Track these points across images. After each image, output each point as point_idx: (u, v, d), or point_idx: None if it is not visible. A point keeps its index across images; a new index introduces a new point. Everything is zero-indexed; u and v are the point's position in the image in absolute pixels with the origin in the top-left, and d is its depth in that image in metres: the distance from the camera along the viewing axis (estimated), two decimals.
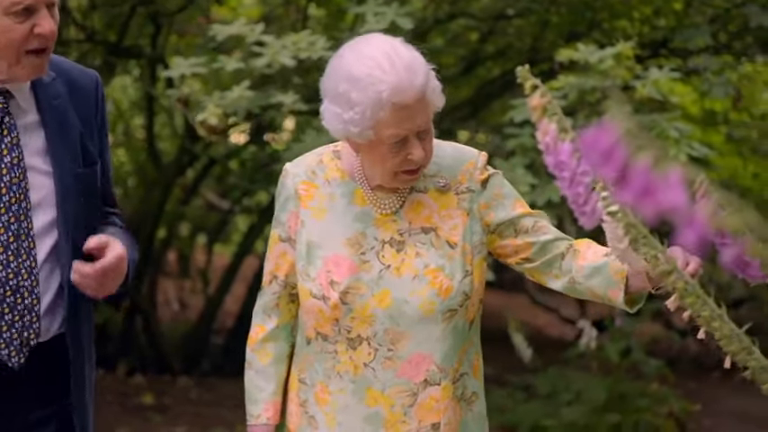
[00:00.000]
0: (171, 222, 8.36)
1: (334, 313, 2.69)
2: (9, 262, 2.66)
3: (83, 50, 6.62)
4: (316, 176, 2.78)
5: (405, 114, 2.59)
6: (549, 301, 9.57)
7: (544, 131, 1.69)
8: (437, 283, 2.68)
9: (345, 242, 2.72)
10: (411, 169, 2.65)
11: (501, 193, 2.77)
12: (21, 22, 2.62)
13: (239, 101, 4.99)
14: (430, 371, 2.70)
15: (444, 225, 2.72)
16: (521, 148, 5.16)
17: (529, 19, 6.58)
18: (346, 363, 2.71)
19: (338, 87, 2.62)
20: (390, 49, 2.63)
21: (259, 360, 2.85)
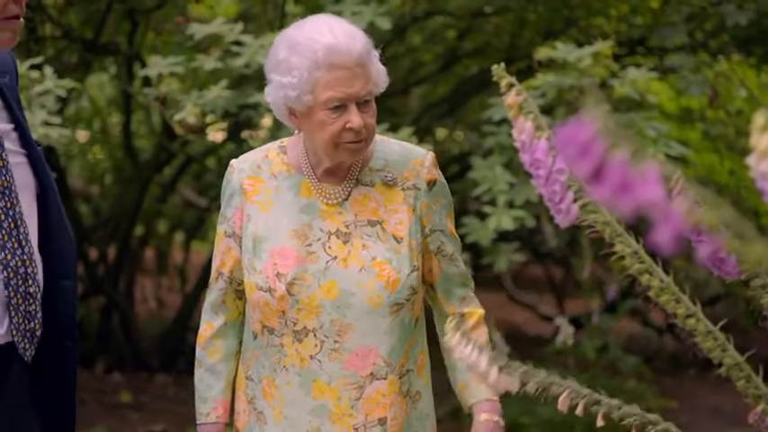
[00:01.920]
0: (148, 220, 8.34)
1: (281, 305, 2.69)
2: (15, 249, 2.59)
3: (59, 47, 6.59)
4: (261, 171, 2.79)
5: (341, 76, 2.61)
6: (526, 299, 9.59)
7: (520, 129, 1.69)
8: (384, 275, 2.69)
9: (292, 234, 2.73)
10: (352, 140, 2.66)
11: (442, 201, 2.80)
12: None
13: (217, 100, 4.99)
14: (376, 364, 2.71)
15: (390, 219, 2.74)
16: (499, 146, 5.16)
17: (506, 17, 6.59)
18: (293, 356, 2.71)
19: (278, 55, 2.68)
20: (331, 19, 2.71)
21: (208, 358, 2.85)
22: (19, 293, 2.59)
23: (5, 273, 2.57)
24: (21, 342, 2.62)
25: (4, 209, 2.58)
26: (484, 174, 5.12)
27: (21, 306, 2.60)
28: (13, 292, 2.58)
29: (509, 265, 5.50)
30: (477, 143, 6.07)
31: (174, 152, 7.21)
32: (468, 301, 2.83)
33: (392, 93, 7.51)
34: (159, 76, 5.26)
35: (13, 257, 2.58)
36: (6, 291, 2.58)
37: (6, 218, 2.58)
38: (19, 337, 2.61)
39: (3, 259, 2.57)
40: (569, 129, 1.10)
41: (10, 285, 2.57)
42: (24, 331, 2.62)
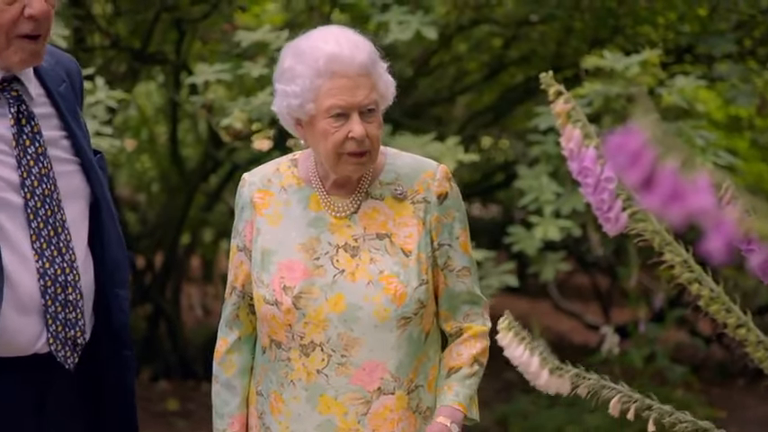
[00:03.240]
0: (194, 228, 8.36)
1: (288, 318, 2.67)
2: (54, 257, 2.59)
3: (108, 57, 6.64)
4: (271, 184, 2.77)
5: (343, 85, 2.60)
6: (572, 307, 9.55)
7: (568, 137, 1.69)
8: (391, 289, 2.66)
9: (299, 247, 2.71)
10: (355, 151, 2.63)
11: (453, 215, 2.76)
12: (9, 4, 2.53)
13: (263, 107, 5.01)
14: (384, 379, 2.67)
15: (399, 232, 2.71)
16: (545, 155, 5.15)
17: (552, 25, 6.57)
18: (299, 370, 2.69)
19: (284, 64, 2.67)
20: (338, 29, 2.70)
21: (224, 373, 2.82)
22: (57, 302, 2.59)
23: (42, 281, 2.57)
24: (60, 350, 2.62)
25: (44, 217, 2.59)
26: (530, 183, 5.10)
27: (59, 314, 2.60)
28: (50, 301, 2.58)
29: (555, 275, 5.48)
30: (522, 152, 6.06)
31: (220, 160, 7.24)
32: (471, 316, 2.77)
33: (437, 101, 7.53)
34: (206, 84, 5.29)
35: (52, 266, 2.58)
36: (43, 299, 2.58)
37: (46, 226, 2.58)
38: (58, 345, 2.61)
39: (40, 267, 2.57)
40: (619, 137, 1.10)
41: (47, 294, 2.58)
42: (64, 339, 2.61)
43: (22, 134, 2.59)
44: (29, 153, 2.59)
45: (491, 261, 5.44)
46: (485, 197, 9.28)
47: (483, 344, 2.77)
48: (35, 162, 2.59)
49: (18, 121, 2.59)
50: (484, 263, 5.34)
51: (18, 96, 2.61)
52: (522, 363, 1.75)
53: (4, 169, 2.57)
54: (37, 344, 2.60)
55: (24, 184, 2.57)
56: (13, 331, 2.56)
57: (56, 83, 2.70)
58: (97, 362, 2.72)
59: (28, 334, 2.59)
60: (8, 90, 2.60)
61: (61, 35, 4.90)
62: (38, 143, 2.60)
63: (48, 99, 2.68)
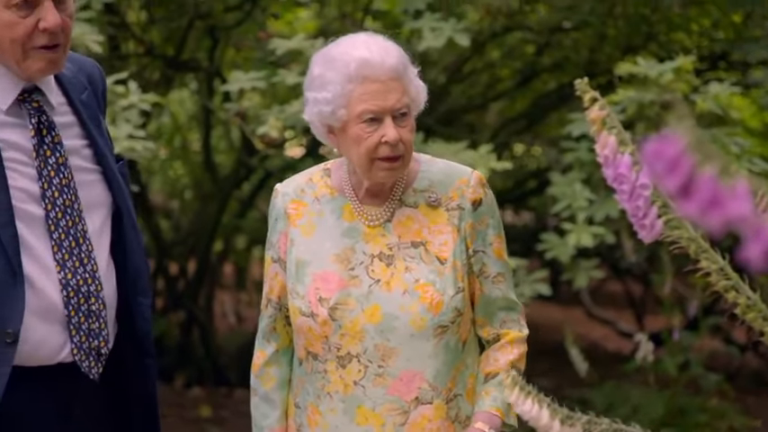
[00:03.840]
0: (227, 235, 8.39)
1: (324, 330, 2.65)
2: (76, 268, 2.59)
3: (142, 64, 6.68)
4: (305, 194, 2.76)
5: (375, 89, 2.59)
6: (605, 315, 9.51)
7: (603, 144, 1.68)
8: (427, 297, 2.64)
9: (334, 258, 2.69)
10: (388, 156, 2.61)
11: (488, 221, 2.74)
12: (24, 17, 2.51)
13: (298, 115, 5.01)
14: (421, 389, 2.65)
15: (434, 240, 2.69)
16: (578, 162, 5.14)
17: (585, 32, 6.56)
18: (336, 382, 2.67)
19: (314, 72, 2.65)
20: (366, 36, 2.69)
21: (262, 386, 2.80)
22: (81, 312, 2.59)
23: (65, 292, 2.57)
24: (85, 360, 2.62)
25: (65, 228, 2.59)
26: (563, 190, 5.09)
27: (83, 324, 2.60)
28: (73, 311, 2.58)
29: (588, 282, 5.46)
30: (555, 159, 6.04)
31: (252, 168, 7.27)
32: (508, 323, 2.75)
33: (470, 108, 7.53)
34: (240, 92, 5.31)
35: (74, 276, 2.58)
36: (66, 310, 2.58)
37: (67, 237, 2.58)
38: (82, 355, 2.61)
39: (62, 278, 2.57)
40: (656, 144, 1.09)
41: (70, 304, 2.58)
42: (88, 350, 2.61)
43: (42, 145, 2.59)
44: (49, 164, 2.58)
45: (523, 269, 5.43)
46: (517, 204, 9.26)
47: (520, 350, 2.75)
48: (56, 173, 2.59)
49: (39, 132, 2.59)
50: (517, 270, 5.33)
51: (39, 107, 2.61)
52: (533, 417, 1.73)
53: (24, 180, 2.57)
54: (61, 354, 2.61)
55: (45, 195, 2.57)
56: (37, 341, 2.57)
57: (78, 91, 2.70)
58: (120, 370, 2.72)
59: (52, 344, 2.59)
60: (29, 101, 2.60)
61: (96, 42, 4.93)
62: (58, 153, 2.60)
63: (69, 107, 2.67)
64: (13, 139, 2.57)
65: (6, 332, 2.52)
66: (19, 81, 2.58)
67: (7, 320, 2.52)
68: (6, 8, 2.51)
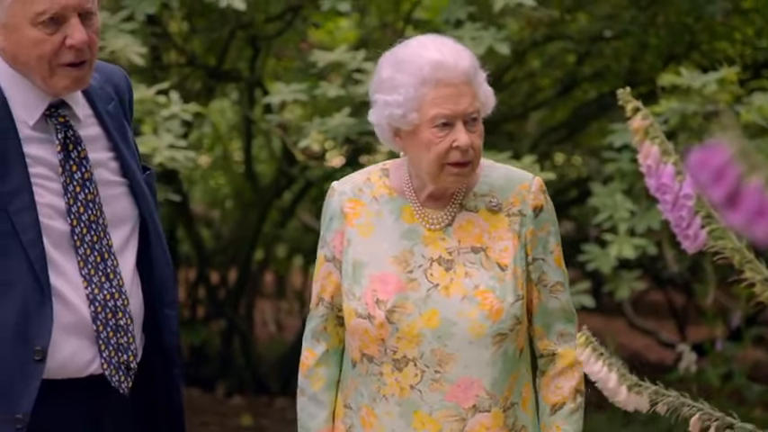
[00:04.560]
0: (268, 244, 8.41)
1: (380, 333, 2.63)
2: (102, 283, 2.60)
3: (183, 74, 6.71)
4: (362, 194, 2.73)
5: (448, 93, 2.57)
6: (647, 325, 9.45)
7: (646, 154, 1.68)
8: (487, 304, 2.62)
9: (392, 260, 2.66)
10: (458, 161, 2.60)
11: (549, 229, 2.73)
12: (51, 34, 2.52)
13: (340, 128, 5.02)
14: (479, 396, 2.63)
15: (495, 246, 2.67)
16: (619, 173, 5.12)
17: (627, 41, 6.53)
18: (392, 385, 2.65)
19: (382, 74, 2.63)
20: (437, 38, 2.67)
21: (311, 386, 2.78)
22: (109, 327, 2.59)
23: (93, 307, 2.58)
24: (114, 375, 2.62)
25: (90, 243, 2.58)
26: (604, 201, 5.07)
27: (111, 339, 2.60)
28: (101, 326, 2.59)
29: (630, 293, 5.43)
30: (596, 169, 6.02)
31: (293, 177, 7.28)
32: (566, 338, 2.73)
33: (510, 117, 7.51)
34: (282, 103, 5.33)
35: (101, 291, 2.58)
36: (95, 325, 2.58)
37: (92, 252, 2.58)
38: (112, 369, 2.61)
39: (89, 294, 2.58)
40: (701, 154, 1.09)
41: (98, 319, 2.58)
42: (117, 364, 2.62)
43: (68, 160, 2.59)
44: (75, 179, 2.58)
45: None
46: (557, 214, 9.23)
47: (581, 372, 2.71)
48: (81, 188, 2.59)
49: (65, 147, 2.59)
50: None
51: (65, 122, 2.61)
52: (601, 378, 1.73)
53: (50, 196, 2.57)
54: (90, 367, 2.61)
55: (71, 210, 2.57)
56: (66, 356, 2.58)
57: (104, 102, 2.70)
58: (148, 382, 2.73)
59: (81, 359, 2.60)
60: (55, 116, 2.60)
61: (138, 53, 4.96)
62: (84, 168, 2.60)
63: (96, 119, 2.67)
64: (39, 154, 2.58)
65: (35, 349, 2.53)
66: (45, 96, 2.59)
67: (36, 337, 2.53)
68: (33, 26, 2.51)
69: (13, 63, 2.56)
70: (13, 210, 2.52)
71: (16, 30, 2.52)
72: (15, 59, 2.55)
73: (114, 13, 5.18)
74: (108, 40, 4.86)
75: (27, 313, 2.53)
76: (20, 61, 2.55)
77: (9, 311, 2.52)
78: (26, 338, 2.53)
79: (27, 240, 2.52)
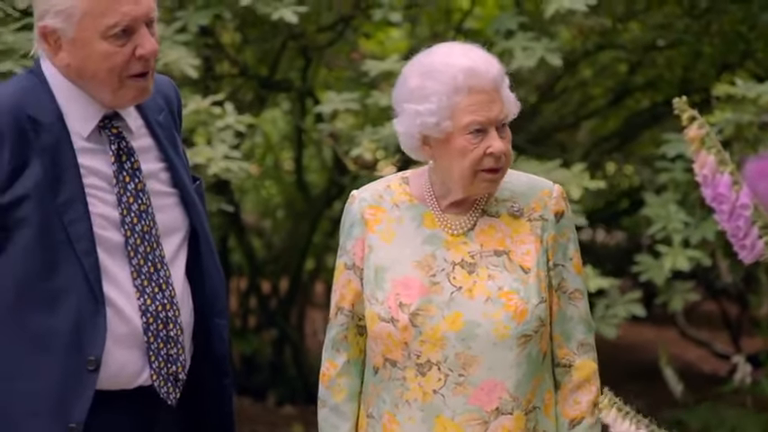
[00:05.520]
0: (319, 254, 8.43)
1: (404, 336, 2.62)
2: (155, 294, 2.60)
3: (235, 85, 6.75)
4: (383, 200, 2.73)
5: (482, 100, 2.57)
6: (700, 336, 9.37)
7: (702, 164, 1.67)
8: (511, 306, 2.62)
9: (415, 264, 2.66)
10: (492, 167, 2.60)
11: (569, 235, 2.72)
12: (121, 46, 2.53)
13: (391, 137, 5.03)
14: (502, 399, 2.62)
15: (517, 249, 2.67)
16: (673, 183, 5.09)
17: (680, 50, 6.49)
18: (415, 390, 2.64)
19: (410, 84, 2.62)
20: (461, 45, 2.66)
21: (333, 397, 2.76)
22: (159, 338, 2.60)
23: (144, 318, 2.59)
24: (163, 386, 2.62)
25: (144, 254, 2.59)
26: (657, 211, 5.05)
27: (162, 350, 2.61)
28: (152, 337, 2.59)
29: (683, 304, 5.40)
30: (648, 178, 5.98)
31: (344, 187, 7.30)
32: (585, 348, 2.72)
33: (562, 127, 7.49)
34: (333, 113, 5.34)
35: (153, 302, 2.59)
36: (146, 336, 2.59)
37: (146, 263, 2.59)
38: (161, 381, 2.62)
39: (142, 305, 2.59)
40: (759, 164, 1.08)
41: (149, 330, 2.59)
42: (167, 375, 2.62)
43: (122, 171, 2.60)
44: (128, 190, 2.60)
45: (616, 289, 5.38)
46: (609, 224, 9.18)
47: (597, 384, 2.72)
48: (134, 199, 2.60)
49: (118, 158, 2.60)
50: (610, 291, 5.28)
51: (119, 133, 2.62)
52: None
53: (104, 207, 2.58)
54: (140, 378, 2.62)
55: (124, 221, 2.58)
56: (117, 367, 2.58)
57: (155, 112, 2.71)
58: (198, 392, 2.73)
59: (132, 369, 2.60)
60: (109, 127, 2.62)
61: (191, 65, 4.99)
62: (137, 179, 2.61)
63: (147, 130, 2.68)
64: (93, 165, 2.59)
65: (89, 359, 2.54)
66: (100, 108, 2.60)
67: (90, 347, 2.54)
68: (104, 39, 2.52)
69: (77, 78, 2.57)
70: (68, 220, 2.53)
71: (86, 44, 2.53)
72: (81, 74, 2.56)
73: (168, 24, 5.22)
74: (162, 51, 4.90)
75: (81, 323, 2.54)
76: (87, 75, 2.56)
77: (63, 321, 2.54)
78: (80, 348, 2.54)
79: (81, 250, 2.54)
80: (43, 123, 2.55)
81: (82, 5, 2.50)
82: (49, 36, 2.54)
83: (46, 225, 2.53)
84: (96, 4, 2.50)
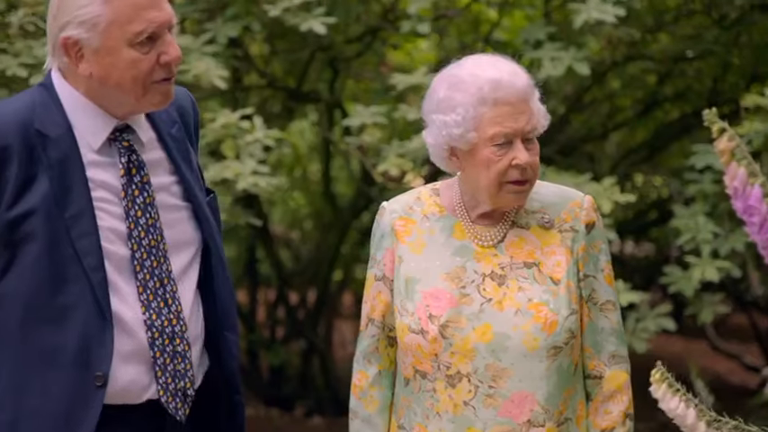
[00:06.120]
0: (347, 265, 8.44)
1: (434, 348, 2.62)
2: (161, 309, 2.58)
3: (263, 96, 6.77)
4: (413, 212, 2.74)
5: (507, 112, 2.57)
6: (730, 348, 9.31)
7: (732, 175, 1.66)
8: (541, 317, 2.61)
9: (445, 276, 2.67)
10: (518, 179, 2.60)
11: (600, 246, 2.71)
12: (146, 53, 2.52)
13: (419, 151, 5.03)
14: (534, 411, 2.61)
15: (547, 261, 2.66)
16: (702, 194, 5.07)
17: (709, 61, 6.46)
18: (445, 401, 2.63)
19: (439, 94, 2.64)
20: (491, 56, 2.67)
21: (365, 408, 2.77)
22: (166, 353, 2.58)
23: (150, 333, 2.57)
24: (171, 402, 2.61)
25: (150, 268, 2.58)
26: (686, 222, 5.03)
27: (168, 366, 2.59)
28: (159, 352, 2.58)
29: (713, 316, 5.37)
30: (677, 190, 5.96)
31: (372, 197, 7.30)
32: (617, 359, 2.71)
33: (590, 138, 7.47)
34: (361, 126, 5.35)
35: (159, 317, 2.57)
36: (152, 351, 2.58)
37: (152, 277, 2.58)
38: (168, 396, 2.60)
39: (147, 319, 2.57)
40: None
41: (155, 345, 2.57)
42: (174, 391, 2.61)
43: (131, 184, 2.59)
44: (137, 203, 2.58)
45: (646, 303, 5.36)
46: (638, 235, 9.15)
47: (629, 395, 2.71)
48: (143, 212, 2.58)
49: (128, 171, 2.59)
50: (640, 305, 5.26)
51: (129, 146, 2.60)
52: (678, 415, 1.70)
53: (112, 220, 2.57)
54: (146, 393, 2.60)
55: (131, 234, 2.57)
56: (124, 382, 2.57)
57: (168, 125, 2.69)
58: (208, 408, 2.71)
59: (139, 385, 2.59)
60: (119, 140, 2.60)
61: (220, 76, 5.01)
62: (146, 193, 2.60)
63: (159, 143, 2.67)
64: (102, 178, 2.58)
65: (96, 375, 2.53)
66: (111, 120, 2.59)
67: (97, 363, 2.53)
68: (131, 46, 2.51)
69: (99, 87, 2.56)
70: (76, 235, 2.52)
71: (111, 52, 2.52)
72: (105, 82, 2.55)
73: (197, 36, 5.24)
74: (191, 62, 4.91)
75: (88, 339, 2.53)
76: (111, 84, 2.55)
77: (70, 337, 2.53)
78: (87, 364, 2.53)
79: (89, 265, 2.52)
80: (51, 137, 2.54)
81: (107, 14, 2.50)
82: (71, 47, 2.52)
83: (53, 240, 2.51)
84: (122, 12, 2.50)
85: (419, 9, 5.50)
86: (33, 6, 4.98)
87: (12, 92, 4.90)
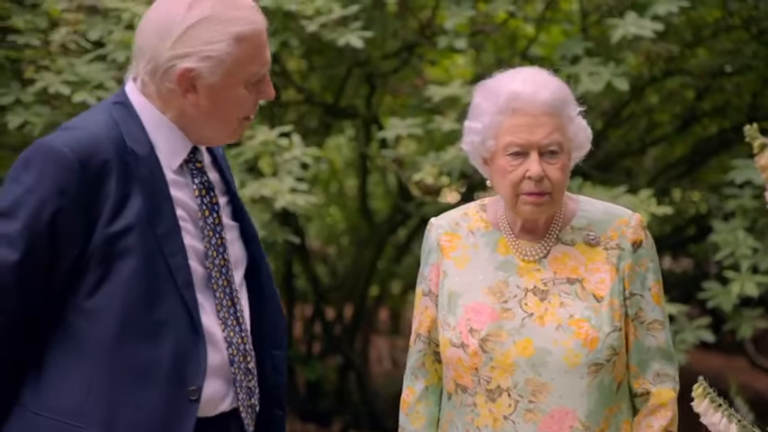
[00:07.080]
0: (383, 280, 8.43)
1: (474, 362, 2.63)
2: (234, 326, 2.62)
3: (301, 112, 6.78)
4: (459, 227, 2.76)
5: (523, 123, 2.58)
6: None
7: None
8: (582, 333, 2.60)
9: (487, 290, 2.67)
10: (532, 191, 2.60)
11: (647, 265, 2.70)
12: (251, 93, 2.58)
13: (454, 162, 5.03)
14: (573, 427, 2.61)
15: (591, 278, 2.66)
16: (741, 209, 5.03)
17: (748, 76, 6.43)
18: (486, 416, 2.64)
19: (475, 100, 2.68)
20: (530, 70, 2.68)
21: (411, 424, 2.79)
22: (241, 370, 2.62)
23: (230, 350, 2.60)
24: (246, 417, 2.64)
25: (222, 287, 2.61)
26: (725, 237, 4.99)
27: (243, 382, 2.63)
28: (237, 369, 2.61)
29: (753, 332, 5.33)
30: (716, 205, 5.93)
31: (409, 213, 7.30)
32: (663, 378, 2.69)
33: (628, 153, 7.44)
34: (397, 138, 5.35)
35: (235, 335, 2.61)
36: (232, 367, 2.61)
37: (225, 296, 2.61)
38: (245, 413, 2.64)
39: (227, 337, 2.60)
40: None
41: (234, 362, 2.61)
42: (247, 407, 2.65)
43: (203, 205, 2.63)
44: (208, 223, 2.62)
45: (684, 315, 5.33)
46: (676, 250, 9.10)
47: (673, 412, 2.69)
48: (213, 232, 2.62)
49: (200, 192, 2.63)
50: (677, 317, 5.23)
51: (201, 168, 2.65)
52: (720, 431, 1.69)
53: (191, 239, 2.60)
54: (221, 406, 2.62)
55: (207, 254, 2.61)
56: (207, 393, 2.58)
57: (218, 148, 2.75)
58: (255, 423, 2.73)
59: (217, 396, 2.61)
60: (193, 161, 2.64)
61: None
62: (215, 213, 2.64)
63: (213, 165, 2.72)
64: (181, 197, 2.61)
65: (190, 389, 2.55)
66: (188, 142, 2.62)
67: (191, 378, 2.55)
68: (245, 87, 2.56)
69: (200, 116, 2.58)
70: (168, 251, 2.55)
71: (227, 89, 2.56)
72: (210, 114, 2.58)
73: None
74: None
75: (181, 354, 2.55)
76: (215, 116, 2.58)
77: (165, 352, 2.55)
78: (182, 379, 2.55)
79: (181, 281, 2.56)
80: (140, 155, 2.57)
81: (235, 53, 2.53)
82: (186, 78, 2.55)
83: (148, 256, 2.54)
84: (247, 53, 2.54)
85: (456, 24, 5.50)
86: (75, 25, 5.02)
87: (53, 109, 4.94)
